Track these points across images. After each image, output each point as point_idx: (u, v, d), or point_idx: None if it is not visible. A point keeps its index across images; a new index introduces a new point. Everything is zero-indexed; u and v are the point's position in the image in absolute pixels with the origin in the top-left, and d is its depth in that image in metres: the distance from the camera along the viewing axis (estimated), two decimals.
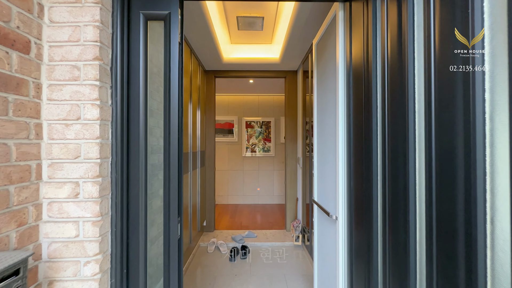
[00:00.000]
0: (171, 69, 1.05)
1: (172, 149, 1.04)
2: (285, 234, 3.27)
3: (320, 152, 1.61)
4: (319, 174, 1.62)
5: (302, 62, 3.00)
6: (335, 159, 1.31)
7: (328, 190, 1.45)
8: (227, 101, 4.97)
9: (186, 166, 2.38)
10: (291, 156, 3.36)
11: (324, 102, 1.56)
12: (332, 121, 1.37)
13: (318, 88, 1.69)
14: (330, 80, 1.44)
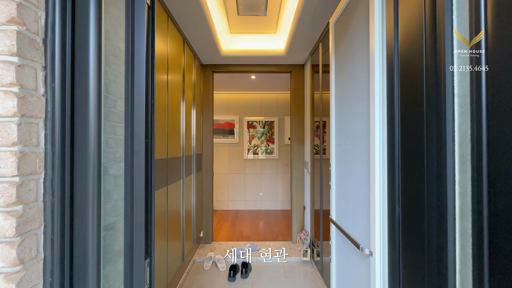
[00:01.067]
0: (134, 45, 0.72)
1: (136, 160, 0.71)
2: (291, 246, 2.93)
3: (340, 160, 1.27)
4: (339, 188, 1.28)
5: (311, 54, 2.66)
6: (365, 170, 0.97)
7: (353, 210, 1.12)
8: (227, 99, 4.64)
9: (178, 172, 2.05)
10: (298, 159, 3.02)
11: (346, 97, 1.22)
12: (361, 122, 1.03)
13: (337, 79, 1.35)
14: (356, 68, 1.10)
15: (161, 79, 1.70)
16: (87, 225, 0.70)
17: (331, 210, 1.34)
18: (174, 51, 1.95)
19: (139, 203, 0.71)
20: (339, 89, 1.32)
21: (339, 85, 1.32)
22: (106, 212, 0.73)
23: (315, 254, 2.57)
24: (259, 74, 3.52)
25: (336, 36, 1.37)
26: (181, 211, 2.17)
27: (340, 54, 1.32)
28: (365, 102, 1.00)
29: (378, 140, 0.87)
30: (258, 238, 3.21)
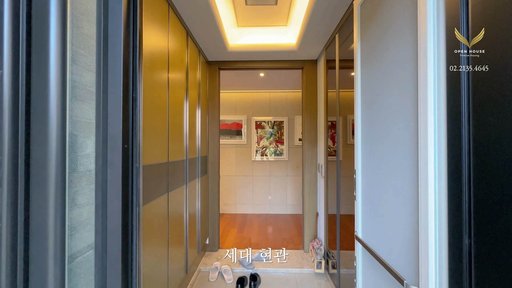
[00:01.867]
0: (108, 15, 0.54)
1: (111, 173, 0.52)
2: (303, 256, 2.72)
3: (369, 168, 1.06)
4: (367, 201, 1.07)
5: (325, 47, 2.44)
6: (408, 183, 0.76)
7: (388, 230, 0.90)
8: (234, 98, 4.46)
9: (181, 177, 1.88)
10: (310, 162, 2.81)
11: (377, 91, 1.01)
12: (402, 121, 0.82)
13: (363, 71, 1.14)
14: (393, 55, 0.89)
15: (162, 77, 1.52)
16: (47, 263, 0.52)
17: (357, 226, 1.13)
18: (176, 46, 1.78)
19: (114, 231, 0.52)
20: (366, 83, 1.11)
21: (366, 78, 1.11)
22: (74, 243, 0.54)
23: (330, 266, 2.36)
24: (268, 71, 3.32)
25: (363, 20, 1.16)
26: (185, 218, 2.00)
27: (368, 41, 1.11)
28: (410, 96, 0.79)
29: (432, 145, 0.66)
30: (267, 245, 3.01)
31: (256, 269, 2.43)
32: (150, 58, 1.36)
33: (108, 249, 0.53)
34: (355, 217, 1.15)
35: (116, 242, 0.53)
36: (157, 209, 1.44)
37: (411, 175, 0.78)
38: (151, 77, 1.36)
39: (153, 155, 1.38)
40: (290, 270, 2.44)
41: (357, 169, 1.13)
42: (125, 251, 0.55)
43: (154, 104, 1.40)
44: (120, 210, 0.53)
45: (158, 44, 1.46)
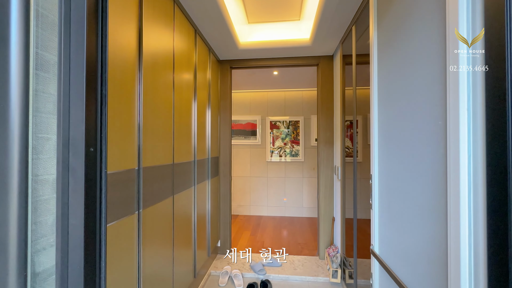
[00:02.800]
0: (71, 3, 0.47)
1: (72, 181, 0.46)
2: (318, 263, 2.57)
3: (387, 174, 0.92)
4: (385, 211, 0.94)
5: (342, 41, 2.28)
6: (433, 193, 0.63)
7: (410, 247, 0.77)
8: (248, 98, 4.39)
9: (188, 179, 1.83)
10: (326, 164, 2.65)
11: (397, 87, 0.87)
12: (427, 121, 0.69)
13: (380, 65, 1.01)
14: (417, 45, 0.76)
15: (166, 78, 1.48)
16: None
17: (373, 238, 1.00)
18: (182, 46, 1.73)
19: (75, 247, 0.46)
20: (384, 78, 0.97)
21: (383, 72, 0.98)
22: (37, 259, 0.49)
23: (347, 276, 2.20)
24: (282, 69, 3.21)
25: (380, 7, 1.02)
26: (193, 221, 1.95)
27: (385, 32, 0.97)
28: (436, 91, 0.66)
29: (465, 146, 0.53)
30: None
31: (267, 275, 2.33)
32: (152, 58, 1.31)
33: (70, 268, 0.46)
34: (371, 228, 1.01)
35: (77, 260, 0.46)
36: (160, 213, 1.39)
37: (436, 183, 0.65)
38: (153, 77, 1.32)
39: (156, 157, 1.34)
40: (304, 278, 2.31)
41: (373, 173, 0.99)
42: (90, 270, 0.48)
43: (156, 105, 1.35)
44: (83, 224, 0.46)
45: (161, 44, 1.41)
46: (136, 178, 1.16)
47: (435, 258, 0.67)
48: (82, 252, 0.46)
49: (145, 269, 1.22)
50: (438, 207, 0.66)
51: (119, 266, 1.03)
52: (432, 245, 0.68)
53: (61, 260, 0.47)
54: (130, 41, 1.12)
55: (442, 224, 0.64)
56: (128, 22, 1.10)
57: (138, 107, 1.17)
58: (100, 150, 0.49)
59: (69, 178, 0.46)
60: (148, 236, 1.25)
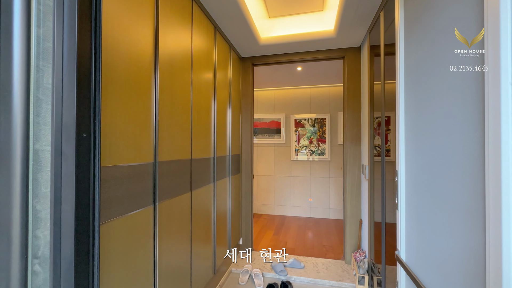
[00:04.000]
0: None
1: (64, 167, 0.46)
2: (343, 268, 2.42)
3: (414, 169, 0.81)
4: (413, 213, 0.82)
5: (369, 30, 2.12)
6: (472, 195, 0.53)
7: (443, 255, 0.66)
8: (272, 96, 4.33)
9: (207, 176, 1.84)
10: (353, 162, 2.49)
11: (425, 79, 0.76)
12: (460, 106, 0.58)
13: (408, 53, 0.89)
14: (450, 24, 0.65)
15: (184, 77, 1.50)
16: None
17: (399, 244, 0.89)
18: (201, 44, 1.74)
19: (67, 232, 0.45)
20: (411, 62, 0.86)
21: (411, 55, 0.86)
22: (37, 242, 0.50)
23: (375, 283, 2.03)
24: (306, 64, 3.10)
25: None
26: (212, 218, 1.95)
27: (413, 11, 0.86)
28: (473, 75, 0.55)
29: (508, 140, 0.42)
30: (304, 252, 2.79)
31: (289, 277, 2.26)
32: (169, 56, 1.33)
33: (62, 252, 0.46)
34: (397, 231, 0.90)
35: (69, 247, 0.46)
36: (178, 207, 1.41)
37: (474, 181, 0.54)
38: (170, 74, 1.34)
39: (172, 152, 1.36)
40: (327, 282, 2.20)
41: (399, 170, 0.88)
42: (81, 255, 0.48)
43: (173, 102, 1.37)
44: (73, 209, 0.46)
45: (178, 41, 1.43)
46: (152, 172, 1.18)
47: (471, 270, 0.56)
48: (73, 239, 0.46)
49: (162, 262, 1.24)
50: (476, 209, 0.55)
51: (135, 257, 1.05)
52: (468, 254, 0.57)
53: (53, 246, 0.47)
54: (146, 39, 1.14)
55: (479, 228, 0.53)
56: (144, 20, 1.12)
57: (154, 103, 1.19)
58: (93, 136, 0.49)
59: (61, 163, 0.47)
60: (164, 230, 1.27)
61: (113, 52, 0.94)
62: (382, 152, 1.84)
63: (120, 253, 0.97)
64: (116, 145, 0.96)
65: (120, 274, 0.97)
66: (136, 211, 1.07)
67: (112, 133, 0.93)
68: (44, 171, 0.49)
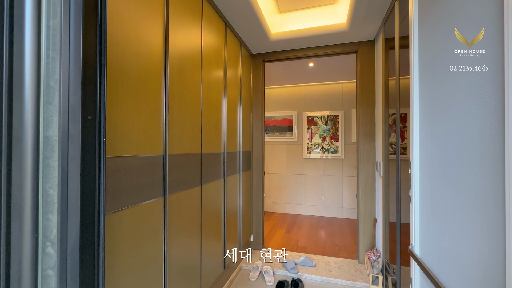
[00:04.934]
0: None
1: (71, 149, 0.47)
2: (356, 267, 2.36)
3: (429, 157, 0.77)
4: (428, 204, 0.78)
5: (384, 22, 2.05)
6: (490, 180, 0.49)
7: (456, 248, 0.62)
8: (284, 94, 4.30)
9: (217, 170, 1.85)
10: (366, 159, 2.42)
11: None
12: (477, 83, 0.54)
13: (423, 44, 0.85)
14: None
15: (194, 73, 1.52)
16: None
17: (412, 238, 0.84)
18: (211, 41, 1.75)
19: (73, 212, 0.47)
20: (426, 63, 0.81)
21: (427, 56, 0.82)
22: (47, 223, 0.51)
23: (390, 283, 1.96)
24: (318, 60, 3.05)
25: None
26: (223, 213, 1.96)
27: (428, 5, 0.81)
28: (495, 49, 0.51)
29: None
30: (316, 250, 2.75)
31: (299, 275, 2.23)
32: (179, 51, 1.35)
33: (68, 234, 0.48)
34: (411, 225, 0.86)
35: (74, 226, 0.47)
36: (187, 200, 1.43)
37: (493, 169, 0.50)
38: (179, 70, 1.36)
39: (182, 145, 1.37)
40: (339, 281, 2.14)
41: (413, 159, 0.84)
42: (87, 237, 0.49)
43: (183, 96, 1.39)
44: (79, 189, 0.47)
45: (189, 41, 1.45)
46: (162, 164, 1.20)
47: (490, 263, 0.52)
48: (79, 216, 0.47)
49: (171, 254, 1.26)
50: (495, 198, 0.51)
51: (145, 247, 1.08)
52: (487, 246, 0.53)
53: (60, 223, 0.48)
54: (157, 36, 1.16)
55: (500, 219, 0.49)
56: (154, 17, 1.14)
57: (164, 97, 1.21)
58: (98, 119, 0.50)
59: (68, 144, 0.48)
60: (174, 222, 1.29)
61: (124, 49, 0.96)
62: (397, 150, 1.78)
63: (130, 243, 0.99)
64: (126, 136, 0.98)
65: (130, 263, 0.99)
66: (146, 202, 1.09)
67: (122, 125, 0.95)
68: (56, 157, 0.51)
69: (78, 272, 0.47)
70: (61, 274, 0.50)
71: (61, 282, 0.51)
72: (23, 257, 0.49)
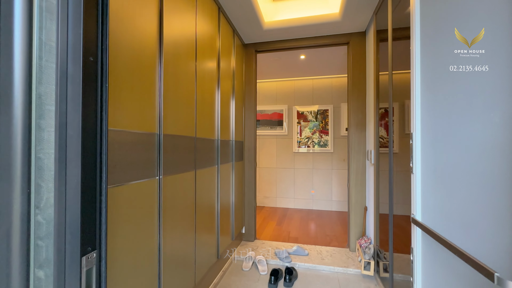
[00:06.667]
0: None
1: (71, 90, 0.42)
2: (348, 255, 2.39)
3: (431, 127, 0.78)
4: (429, 173, 0.79)
5: (375, 12, 2.09)
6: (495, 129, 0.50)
7: (461, 206, 0.63)
8: (274, 88, 4.30)
9: (211, 157, 1.81)
10: (357, 149, 2.46)
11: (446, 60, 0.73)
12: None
13: (425, 33, 0.86)
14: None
15: (188, 60, 1.47)
16: None
17: (414, 208, 0.85)
18: (204, 28, 1.71)
19: (73, 159, 0.42)
20: (429, 51, 0.82)
21: (429, 44, 0.83)
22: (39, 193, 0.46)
23: (381, 269, 2.00)
24: (310, 52, 3.07)
25: None
26: (216, 202, 1.92)
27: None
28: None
29: None
30: (307, 241, 2.76)
31: (293, 263, 2.23)
32: (174, 37, 1.30)
33: (68, 179, 0.43)
34: (412, 196, 0.86)
35: (75, 167, 0.43)
36: (182, 184, 1.38)
37: (504, 119, 0.51)
38: (174, 55, 1.31)
39: (177, 127, 1.32)
40: (332, 268, 2.16)
41: (414, 131, 0.85)
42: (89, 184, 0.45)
43: (177, 77, 1.34)
44: (80, 134, 0.43)
45: (182, 28, 1.40)
46: (157, 143, 1.15)
47: (505, 216, 0.52)
48: (80, 163, 0.43)
49: (166, 238, 1.21)
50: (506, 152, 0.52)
51: (139, 231, 1.02)
52: (499, 200, 0.53)
53: (58, 172, 0.44)
54: (151, 23, 1.11)
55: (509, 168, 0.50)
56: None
57: (158, 77, 1.16)
58: (100, 61, 0.45)
59: (67, 85, 0.43)
60: (168, 205, 1.24)
61: (119, 34, 0.91)
62: (390, 144, 1.80)
63: (123, 223, 0.94)
64: (120, 110, 0.93)
65: (122, 245, 0.94)
66: (140, 180, 1.04)
67: (116, 99, 0.90)
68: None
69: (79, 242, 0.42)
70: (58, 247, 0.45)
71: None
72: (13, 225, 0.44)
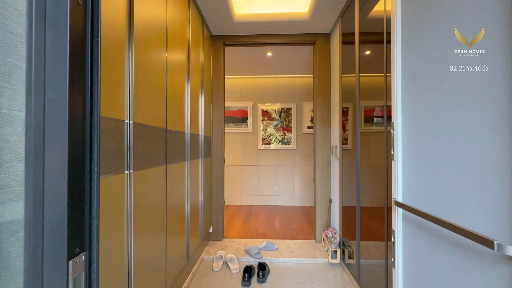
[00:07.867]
0: None
1: (51, 40, 0.32)
2: (315, 246, 2.49)
3: (413, 114, 0.84)
4: (411, 158, 0.85)
5: (341, 15, 2.21)
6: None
7: (452, 186, 0.68)
8: (239, 84, 4.25)
9: (182, 151, 1.68)
10: (323, 144, 2.58)
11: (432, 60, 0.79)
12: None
13: (406, 31, 0.92)
14: None
15: (157, 38, 1.33)
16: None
17: (396, 191, 0.91)
18: (175, 16, 1.57)
19: (60, 126, 0.32)
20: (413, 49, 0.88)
21: (413, 42, 0.89)
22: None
23: (346, 256, 2.13)
24: (276, 50, 3.11)
25: None
26: (186, 201, 1.79)
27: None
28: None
29: None
30: (275, 235, 2.79)
31: (264, 259, 2.22)
32: (144, 20, 1.16)
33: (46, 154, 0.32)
34: (393, 181, 0.93)
35: (57, 148, 0.32)
36: (153, 180, 1.24)
37: (492, 96, 0.56)
38: (144, 38, 1.16)
39: (147, 116, 1.18)
40: (301, 260, 2.23)
41: (396, 120, 0.91)
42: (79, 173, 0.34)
43: (149, 64, 1.20)
44: (67, 100, 0.32)
45: (154, 13, 1.26)
46: (126, 132, 1.00)
47: (494, 188, 0.58)
48: (66, 130, 0.32)
49: (136, 239, 1.07)
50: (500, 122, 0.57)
51: (108, 232, 0.87)
52: (490, 173, 0.59)
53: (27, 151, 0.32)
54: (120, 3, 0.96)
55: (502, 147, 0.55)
56: None
57: (128, 60, 1.02)
58: (91, 4, 0.35)
59: (46, 31, 0.32)
60: (139, 203, 1.10)
61: None
62: (356, 141, 1.91)
63: None
64: None
65: None
66: (110, 174, 0.89)
67: None
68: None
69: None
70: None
71: None
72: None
